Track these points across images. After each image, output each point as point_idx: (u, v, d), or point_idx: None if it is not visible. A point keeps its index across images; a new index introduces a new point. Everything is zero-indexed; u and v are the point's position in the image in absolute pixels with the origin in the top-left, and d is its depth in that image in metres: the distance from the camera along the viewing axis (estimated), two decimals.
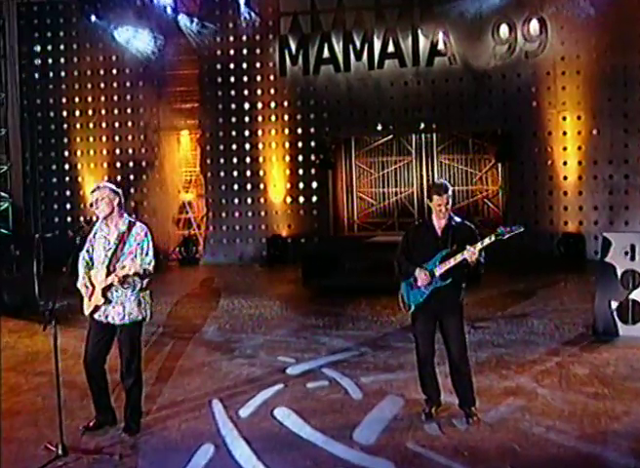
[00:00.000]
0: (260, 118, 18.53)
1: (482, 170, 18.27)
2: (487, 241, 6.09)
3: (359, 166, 19.21)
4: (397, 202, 18.77)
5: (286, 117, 18.41)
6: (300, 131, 18.37)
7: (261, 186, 18.64)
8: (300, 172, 18.44)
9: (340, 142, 18.91)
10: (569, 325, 9.94)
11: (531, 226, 16.56)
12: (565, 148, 16.68)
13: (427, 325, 6.36)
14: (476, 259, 6.07)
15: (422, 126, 17.77)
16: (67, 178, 19.34)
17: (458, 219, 6.39)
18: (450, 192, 6.24)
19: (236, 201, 18.82)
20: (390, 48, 17.53)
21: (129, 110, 19.07)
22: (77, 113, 19.19)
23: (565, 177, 16.74)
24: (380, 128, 18.02)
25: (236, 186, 18.78)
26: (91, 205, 6.12)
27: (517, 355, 8.48)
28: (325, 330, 10.21)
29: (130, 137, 19.12)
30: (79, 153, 19.27)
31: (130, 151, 19.15)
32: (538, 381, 7.44)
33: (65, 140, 19.28)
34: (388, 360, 8.40)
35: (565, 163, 16.72)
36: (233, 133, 18.69)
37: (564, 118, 16.63)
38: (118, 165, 19.18)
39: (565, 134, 16.67)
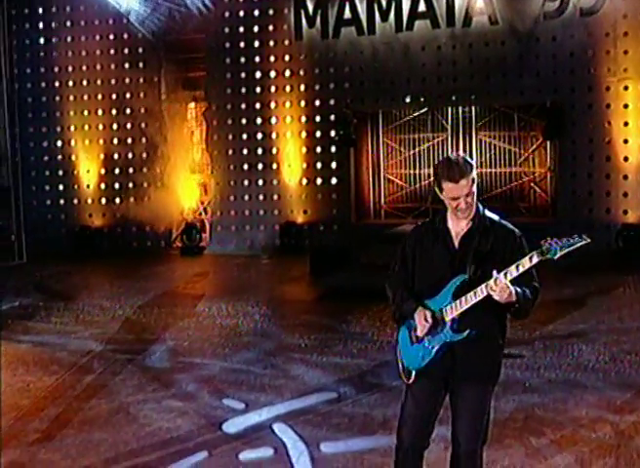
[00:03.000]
0: (272, 88, 16.23)
1: (528, 149, 15.92)
2: (526, 264, 3.67)
3: (387, 143, 16.91)
4: (430, 185, 16.25)
5: (302, 87, 16.08)
6: (317, 103, 16.07)
7: (274, 166, 16.40)
8: (318, 149, 16.14)
9: (365, 117, 16.62)
10: (631, 355, 7.43)
11: (584, 215, 14.11)
12: (626, 124, 14.12)
13: (428, 402, 3.96)
14: (509, 295, 3.69)
15: (458, 98, 15.30)
16: (60, 156, 17.32)
17: (490, 218, 3.95)
18: (474, 174, 3.80)
19: (246, 182, 16.61)
20: (421, 6, 15.09)
21: (127, 80, 16.91)
22: (70, 83, 17.12)
23: (625, 158, 14.17)
24: (409, 100, 15.61)
25: (246, 166, 16.57)
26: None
27: (555, 409, 6.03)
28: (305, 354, 7.90)
29: (128, 111, 16.99)
30: (72, 128, 17.22)
31: (128, 126, 17.04)
32: (583, 464, 4.96)
33: (58, 114, 17.24)
34: (372, 410, 6.04)
35: (626, 141, 14.15)
36: (243, 105, 16.47)
37: (625, 87, 14.07)
38: (115, 141, 17.12)
39: (626, 106, 14.10)
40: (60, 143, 17.30)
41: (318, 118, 16.09)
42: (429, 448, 3.99)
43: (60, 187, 17.38)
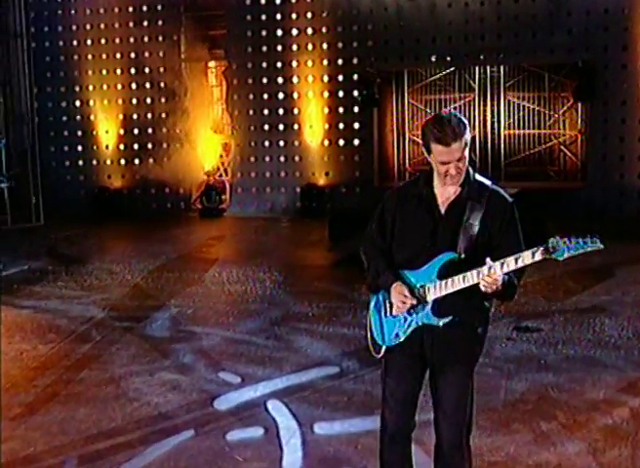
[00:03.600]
0: (294, 47, 15.70)
1: (558, 110, 15.36)
2: (527, 259, 3.24)
3: (412, 104, 16.40)
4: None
5: (325, 46, 15.55)
6: (340, 62, 15.53)
7: (295, 127, 15.92)
8: (341, 110, 15.64)
9: (390, 76, 16.09)
10: None
11: (615, 181, 13.54)
12: None
13: (407, 379, 3.61)
14: (501, 284, 3.29)
15: (486, 57, 14.68)
16: (79, 117, 16.99)
17: (482, 183, 3.50)
18: (467, 136, 3.34)
19: (266, 144, 16.18)
20: None
21: (146, 39, 16.47)
22: (89, 42, 16.71)
23: None
24: (434, 59, 15.02)
25: (267, 127, 16.11)
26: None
27: (570, 389, 5.63)
28: (312, 323, 7.56)
29: (147, 70, 16.57)
30: (91, 88, 16.85)
31: (148, 85, 16.63)
32: (595, 452, 4.58)
33: (76, 73, 16.87)
34: (374, 387, 5.67)
35: None
36: (264, 64, 15.95)
37: None
38: (134, 101, 16.71)
39: None
40: (78, 103, 16.95)
41: (341, 77, 15.57)
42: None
43: (79, 148, 17.07)
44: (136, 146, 16.87)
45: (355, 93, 15.43)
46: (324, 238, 12.54)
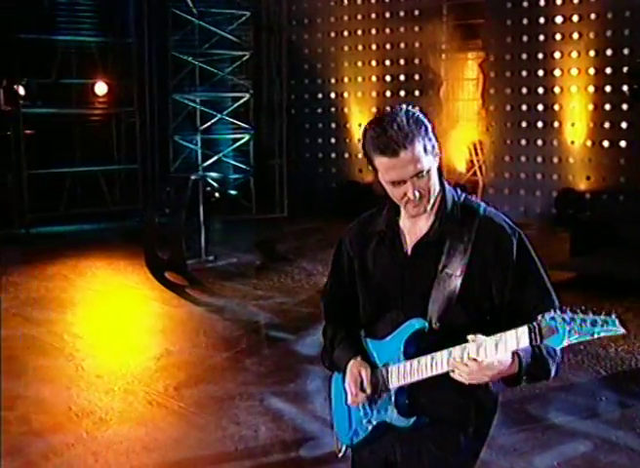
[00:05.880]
0: (558, 36, 14.19)
1: None
2: (509, 343, 2.15)
3: None
4: None
5: (591, 34, 13.85)
6: (609, 52, 13.73)
7: (555, 125, 14.43)
8: (607, 107, 13.86)
9: None
10: None
11: None
12: None
13: None
14: (493, 374, 2.24)
15: None
16: (333, 109, 16.88)
17: (469, 209, 2.47)
18: (427, 140, 2.36)
19: (523, 142, 14.86)
20: None
21: (402, 29, 15.88)
22: (345, 33, 16.51)
23: None
24: None
25: (524, 124, 14.79)
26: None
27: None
28: None
29: (402, 62, 15.99)
30: (346, 80, 16.66)
31: (402, 78, 16.06)
32: None
33: (332, 65, 16.76)
34: None
35: None
36: (524, 55, 14.62)
37: None
38: (388, 94, 16.24)
39: None
40: (333, 95, 16.85)
41: (609, 70, 13.78)
42: None
43: (332, 140, 16.99)
44: None
45: (625, 87, 13.60)
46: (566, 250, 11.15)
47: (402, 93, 16.09)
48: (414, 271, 2.37)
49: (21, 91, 13.56)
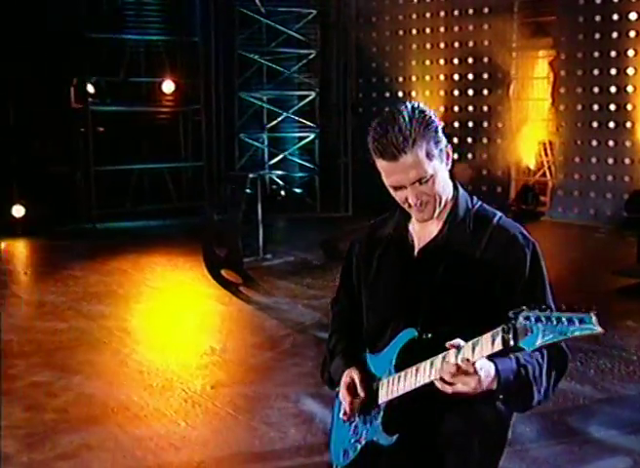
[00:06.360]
0: (632, 33, 13.75)
1: None
2: (485, 346, 1.97)
3: None
4: None
5: None
6: None
7: (628, 125, 14.01)
8: None
9: None
10: None
11: None
12: None
13: None
14: (474, 384, 2.05)
15: None
16: None
17: (481, 217, 2.32)
18: (433, 142, 2.22)
19: (594, 143, 14.46)
20: None
21: (471, 27, 15.63)
22: (414, 31, 16.35)
23: None
24: None
25: (595, 124, 14.39)
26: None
27: None
28: None
29: (471, 60, 15.74)
30: (414, 78, 16.49)
31: (470, 77, 15.81)
32: None
33: (400, 64, 16.62)
34: None
35: None
36: (596, 53, 14.22)
37: None
38: (456, 93, 16.01)
39: None
40: (400, 94, 16.70)
41: None
42: None
43: None
44: (455, 140, 16.14)
45: None
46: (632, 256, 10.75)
47: (470, 92, 15.84)
48: (417, 276, 2.27)
49: (91, 89, 13.90)
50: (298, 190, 16.37)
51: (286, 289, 8.98)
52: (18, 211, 12.76)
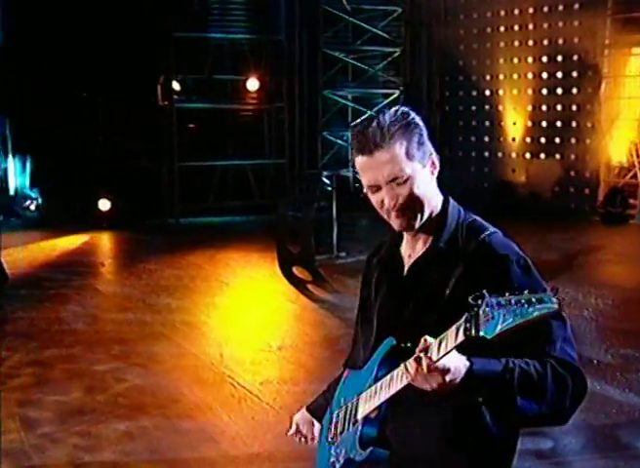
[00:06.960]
0: None
1: None
2: (450, 340, 1.83)
3: None
4: None
5: None
6: None
7: None
8: None
9: None
10: None
11: None
12: None
13: None
14: (443, 382, 1.88)
15: None
16: (487, 106, 16.48)
17: (468, 232, 2.16)
18: (412, 142, 2.09)
19: None
20: None
21: (560, 24, 15.22)
22: (502, 29, 16.04)
23: None
24: None
25: None
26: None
27: None
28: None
29: (560, 58, 15.33)
30: (501, 77, 16.19)
31: (559, 75, 15.40)
32: None
33: (487, 62, 16.33)
34: None
35: None
36: None
37: None
38: (545, 91, 15.63)
39: None
40: (487, 93, 16.43)
41: None
42: None
43: (486, 139, 16.58)
44: (543, 140, 15.80)
45: None
46: None
47: (559, 90, 15.43)
48: (403, 294, 2.19)
49: (177, 87, 14.23)
50: None
51: (354, 287, 8.87)
52: (104, 204, 13.21)
